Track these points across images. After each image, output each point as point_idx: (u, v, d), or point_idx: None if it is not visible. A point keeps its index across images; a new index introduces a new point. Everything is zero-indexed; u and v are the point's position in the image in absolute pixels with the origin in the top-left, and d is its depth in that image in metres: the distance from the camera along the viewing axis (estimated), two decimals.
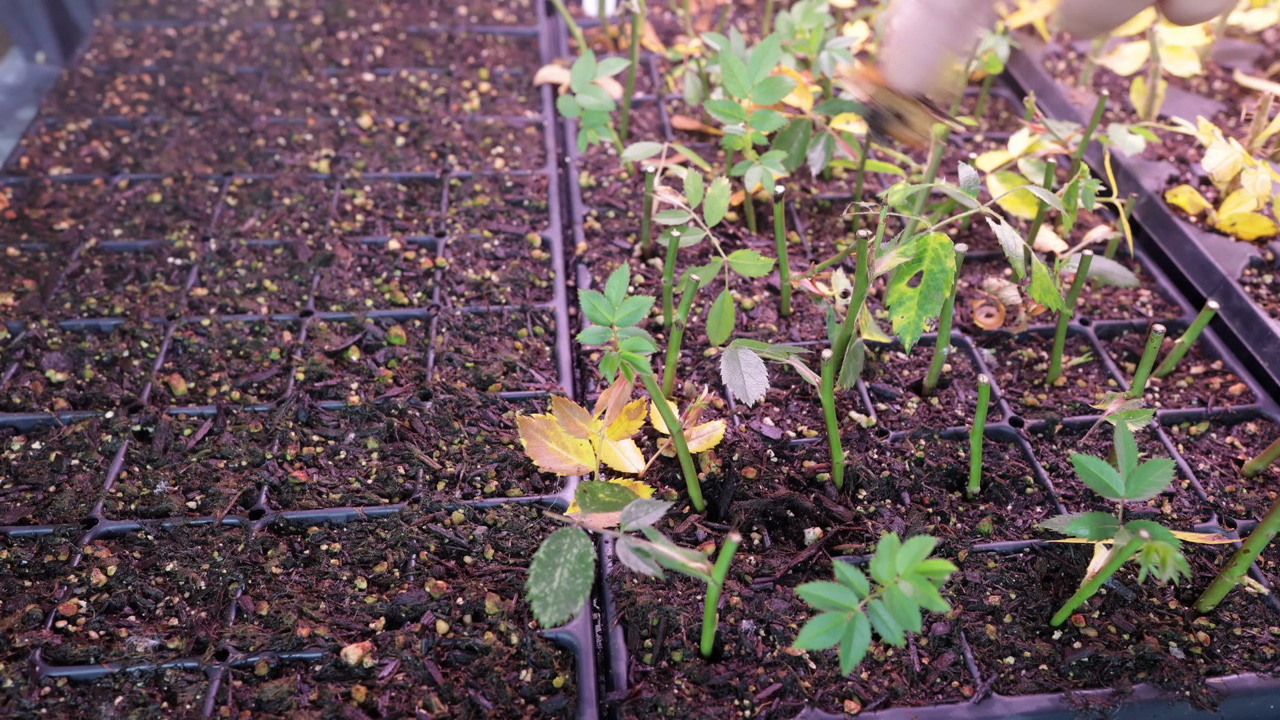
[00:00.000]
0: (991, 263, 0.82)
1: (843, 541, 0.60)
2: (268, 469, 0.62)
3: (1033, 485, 0.64)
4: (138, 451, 0.64)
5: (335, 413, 0.67)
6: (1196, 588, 0.58)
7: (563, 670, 0.53)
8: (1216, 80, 1.02)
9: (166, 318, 0.73)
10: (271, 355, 0.70)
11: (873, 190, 0.89)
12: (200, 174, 0.87)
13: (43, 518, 0.59)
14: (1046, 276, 0.63)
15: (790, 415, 0.68)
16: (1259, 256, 0.79)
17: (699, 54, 0.89)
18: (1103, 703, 0.52)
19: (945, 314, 0.66)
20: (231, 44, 1.06)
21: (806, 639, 0.43)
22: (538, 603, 0.47)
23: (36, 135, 0.92)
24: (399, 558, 0.58)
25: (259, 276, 0.77)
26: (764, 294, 0.78)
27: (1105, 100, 0.73)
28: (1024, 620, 0.56)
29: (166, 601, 0.55)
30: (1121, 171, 0.88)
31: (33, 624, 0.54)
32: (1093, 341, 0.75)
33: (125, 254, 0.79)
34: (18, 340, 0.71)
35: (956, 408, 0.69)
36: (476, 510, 0.61)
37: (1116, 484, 0.52)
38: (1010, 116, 1.00)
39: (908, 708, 0.52)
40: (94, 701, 0.51)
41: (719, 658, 0.54)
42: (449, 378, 0.69)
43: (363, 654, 0.53)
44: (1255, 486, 0.65)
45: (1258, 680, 0.54)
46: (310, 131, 0.93)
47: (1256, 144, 0.84)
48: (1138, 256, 0.83)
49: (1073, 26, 0.51)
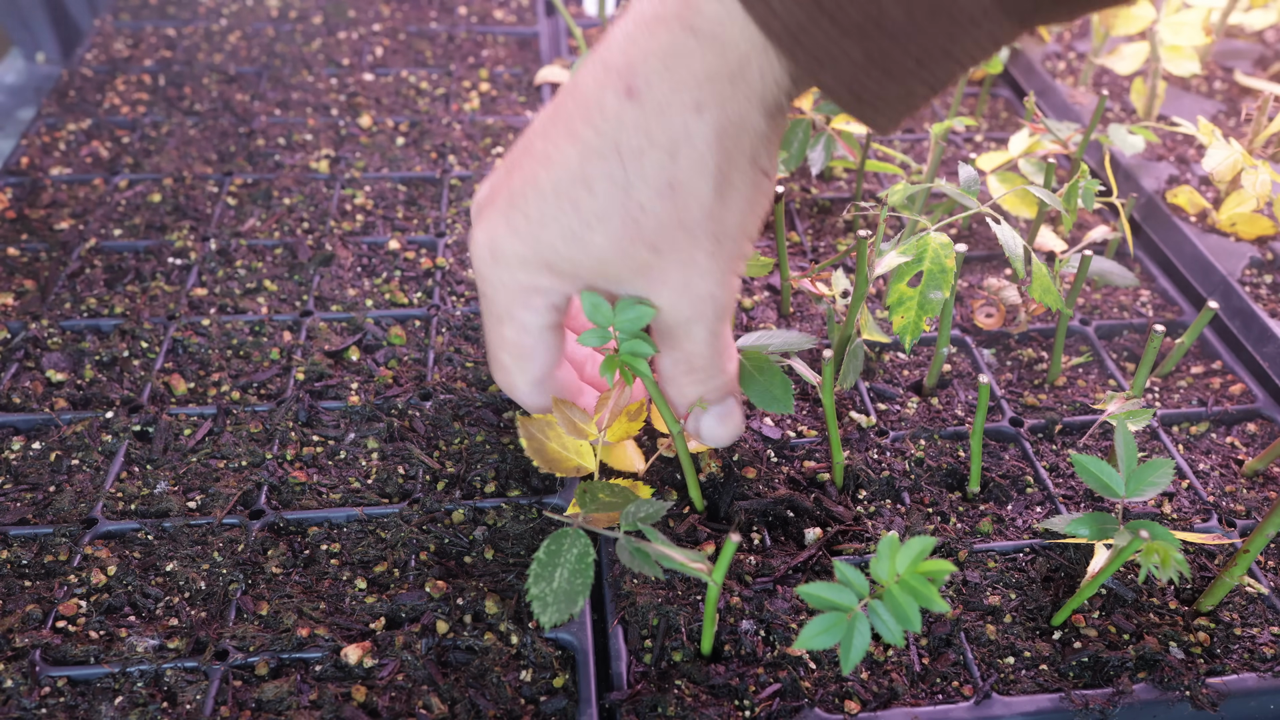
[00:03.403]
0: (991, 263, 0.82)
1: (843, 541, 0.60)
2: (268, 469, 0.62)
3: (1033, 485, 0.64)
4: (138, 451, 0.64)
5: (335, 413, 0.67)
6: (1196, 588, 0.58)
7: (562, 670, 0.53)
8: (1216, 80, 1.02)
9: (166, 318, 0.73)
10: (271, 355, 0.70)
11: (873, 190, 0.89)
12: (200, 174, 0.87)
13: (43, 518, 0.59)
14: (1046, 276, 0.63)
15: (790, 415, 0.68)
16: (1259, 256, 0.79)
17: None
18: (1103, 703, 0.52)
19: (945, 314, 0.66)
20: (231, 44, 1.06)
21: (806, 639, 0.43)
22: (538, 603, 0.47)
23: (36, 135, 0.92)
24: (399, 558, 0.58)
25: (259, 276, 0.77)
26: (764, 294, 0.78)
27: (1105, 100, 0.73)
28: (1024, 620, 0.56)
29: (166, 601, 0.55)
30: (1121, 171, 0.88)
31: (33, 624, 0.54)
32: (1093, 341, 0.75)
33: (125, 254, 0.79)
34: (18, 340, 0.70)
35: (956, 408, 0.69)
36: (476, 510, 0.61)
37: (1116, 484, 0.52)
38: (1010, 116, 1.00)
39: (908, 708, 0.52)
40: (94, 701, 0.51)
41: (719, 658, 0.54)
42: (449, 378, 0.69)
43: (363, 654, 0.53)
44: (1255, 486, 0.65)
45: (1258, 680, 0.54)
46: (310, 131, 0.93)
47: (1256, 144, 0.84)
48: (1138, 256, 0.83)
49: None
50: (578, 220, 0.47)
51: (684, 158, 0.45)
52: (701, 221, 0.47)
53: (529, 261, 0.49)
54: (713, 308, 0.50)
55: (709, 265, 0.48)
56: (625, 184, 0.46)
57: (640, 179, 0.46)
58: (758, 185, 0.48)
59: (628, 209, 0.46)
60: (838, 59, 0.41)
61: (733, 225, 0.48)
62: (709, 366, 0.52)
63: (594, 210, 0.47)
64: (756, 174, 0.48)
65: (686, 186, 0.46)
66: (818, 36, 0.41)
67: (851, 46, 0.41)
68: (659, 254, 0.47)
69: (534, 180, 0.48)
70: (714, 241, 0.48)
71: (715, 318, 0.50)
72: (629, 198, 0.46)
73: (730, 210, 0.48)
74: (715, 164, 0.46)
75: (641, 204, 0.46)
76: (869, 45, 0.41)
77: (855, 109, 0.44)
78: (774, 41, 0.42)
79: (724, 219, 0.48)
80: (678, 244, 0.47)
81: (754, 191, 0.48)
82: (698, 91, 0.44)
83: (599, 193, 0.46)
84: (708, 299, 0.49)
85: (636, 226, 0.47)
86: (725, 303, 0.50)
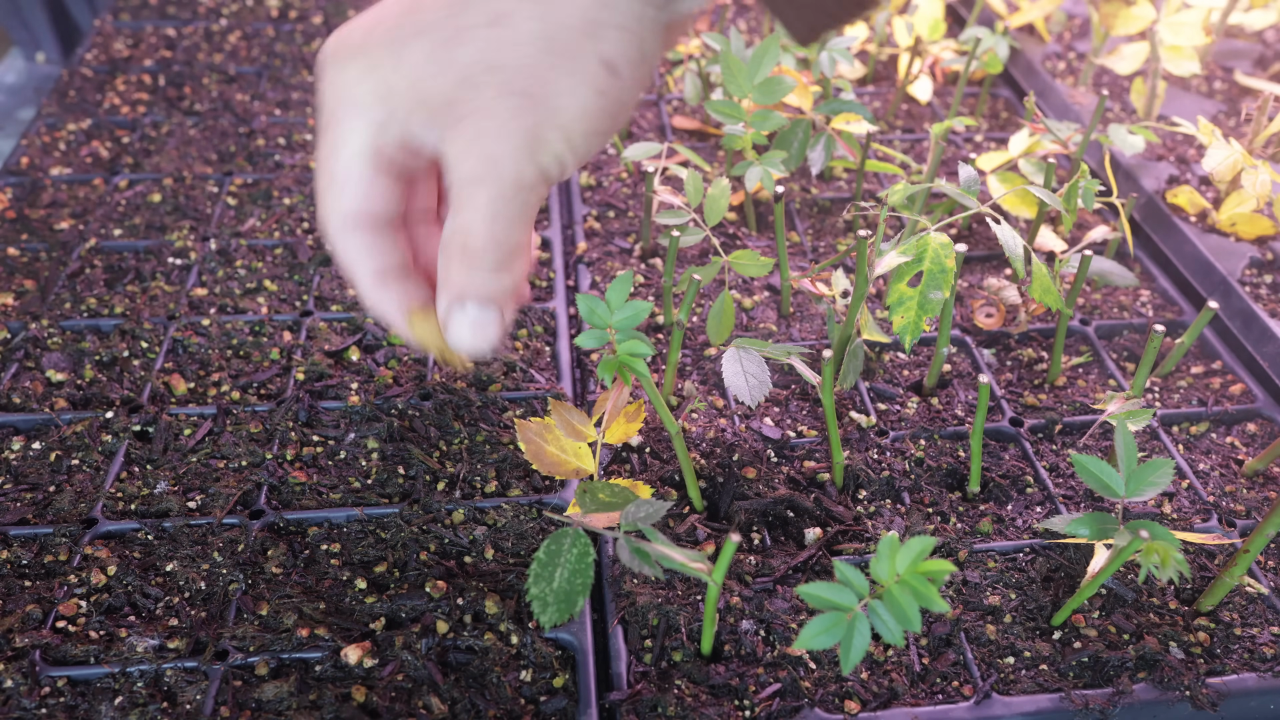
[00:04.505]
0: (991, 263, 0.82)
1: (843, 541, 0.60)
2: (268, 469, 0.62)
3: (1033, 485, 0.64)
4: (138, 451, 0.64)
5: (335, 413, 0.67)
6: (1196, 588, 0.58)
7: (562, 671, 0.53)
8: (1216, 80, 1.02)
9: (166, 318, 0.73)
10: (271, 355, 0.70)
11: (873, 190, 0.89)
12: (200, 174, 0.87)
13: (43, 518, 0.59)
14: (1046, 276, 0.63)
15: (790, 415, 0.68)
16: (1259, 256, 0.79)
17: (699, 54, 0.89)
18: (1103, 703, 0.52)
19: (945, 314, 0.66)
20: (231, 44, 1.06)
21: (806, 639, 0.43)
22: (538, 603, 0.47)
23: (36, 135, 0.92)
24: (399, 558, 0.58)
25: (259, 276, 0.77)
26: (764, 294, 0.78)
27: (1105, 100, 0.73)
28: (1024, 620, 0.56)
29: (166, 602, 0.55)
30: (1121, 171, 0.88)
31: (33, 624, 0.54)
32: (1093, 341, 0.75)
33: (125, 254, 0.79)
34: (18, 340, 0.70)
35: (956, 408, 0.69)
36: (476, 510, 0.61)
37: (1116, 484, 0.52)
38: (1010, 116, 1.00)
39: (908, 708, 0.52)
40: (94, 701, 0.51)
41: (719, 658, 0.54)
42: (449, 378, 0.69)
43: (363, 654, 0.53)
44: (1255, 486, 0.65)
45: (1258, 680, 0.54)
46: (310, 131, 0.93)
47: (1256, 144, 0.84)
48: (1138, 256, 0.83)
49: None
50: (409, 27, 0.43)
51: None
52: (516, 71, 0.42)
53: (357, 62, 0.44)
54: (502, 175, 0.43)
55: (509, 125, 0.42)
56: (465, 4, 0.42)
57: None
58: (608, 78, 0.43)
59: (451, 26, 0.42)
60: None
61: (558, 100, 0.42)
62: (484, 250, 0.45)
63: (422, 21, 0.42)
64: (604, 67, 0.42)
65: (514, 24, 0.41)
66: None
67: None
68: (463, 90, 0.42)
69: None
70: (526, 99, 0.42)
71: (505, 190, 0.44)
72: (456, 15, 0.42)
73: (561, 81, 0.42)
74: (560, 18, 0.41)
75: (461, 26, 0.42)
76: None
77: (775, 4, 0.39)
78: None
79: (547, 84, 0.42)
80: (481, 86, 0.42)
81: (600, 80, 0.42)
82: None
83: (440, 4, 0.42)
84: (496, 162, 0.43)
85: (448, 51, 0.42)
86: (521, 178, 0.44)
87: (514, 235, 0.45)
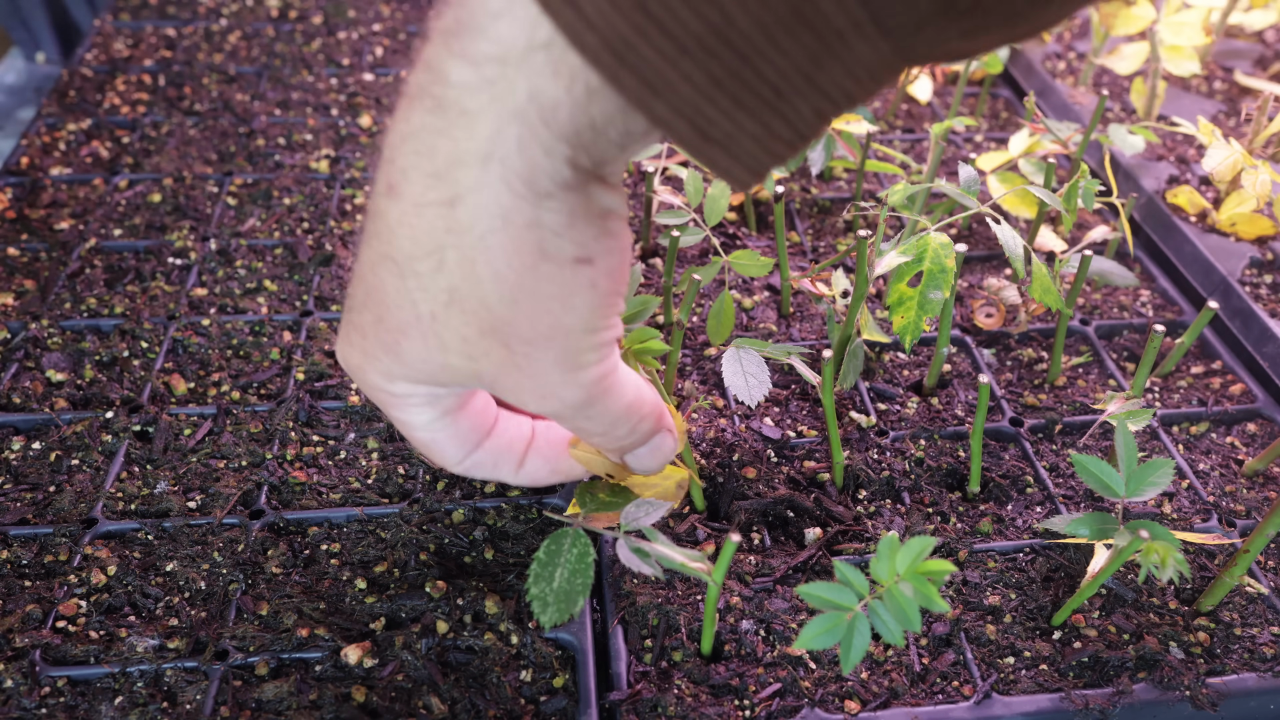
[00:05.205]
0: (991, 263, 0.82)
1: (843, 541, 0.60)
2: (268, 469, 0.62)
3: (1033, 485, 0.64)
4: (138, 451, 0.64)
5: (335, 413, 0.67)
6: (1196, 588, 0.58)
7: (562, 671, 0.53)
8: (1216, 80, 1.02)
9: (166, 318, 0.73)
10: (271, 355, 0.70)
11: (873, 190, 0.89)
12: (200, 174, 0.87)
13: (43, 518, 0.59)
14: (1046, 276, 0.63)
15: (790, 415, 0.68)
16: (1259, 256, 0.79)
17: None
18: (1103, 703, 0.52)
19: (945, 314, 0.66)
20: (231, 44, 1.06)
21: (806, 639, 0.43)
22: (537, 603, 0.47)
23: (36, 135, 0.92)
24: (399, 558, 0.58)
25: (259, 276, 0.77)
26: (764, 294, 0.78)
27: (1105, 100, 0.73)
28: (1024, 620, 0.56)
29: (166, 601, 0.55)
30: (1121, 171, 0.88)
31: (33, 624, 0.54)
32: (1093, 341, 0.75)
33: (125, 254, 0.79)
34: (18, 340, 0.70)
35: (956, 408, 0.69)
36: (476, 510, 0.61)
37: (1116, 484, 0.52)
38: (1010, 116, 1.00)
39: (908, 708, 0.52)
40: (94, 701, 0.51)
41: (719, 658, 0.54)
42: None
43: (363, 654, 0.53)
44: (1255, 486, 0.65)
45: (1258, 680, 0.54)
46: (310, 131, 0.93)
47: (1256, 144, 0.84)
48: (1138, 256, 0.83)
49: None
50: (387, 332, 0.42)
51: (451, 261, 0.39)
52: (504, 329, 0.40)
53: (373, 370, 0.44)
54: (576, 402, 0.43)
55: (541, 370, 0.42)
56: (409, 296, 0.40)
57: (420, 289, 0.40)
58: (572, 277, 0.39)
59: (425, 321, 0.41)
60: (674, 84, 0.33)
61: (567, 319, 0.41)
62: (617, 430, 0.47)
63: (396, 322, 0.41)
64: (558, 267, 0.39)
65: (466, 295, 0.39)
66: (647, 54, 0.32)
67: (691, 67, 0.33)
68: (476, 362, 0.42)
69: (350, 291, 0.44)
70: (532, 347, 0.41)
71: (589, 404, 0.44)
72: (418, 309, 0.40)
73: (538, 313, 0.40)
74: (490, 267, 0.38)
75: (432, 314, 0.40)
76: (713, 65, 0.33)
77: (702, 151, 0.35)
78: (594, 64, 0.33)
79: (536, 323, 0.40)
80: (491, 352, 0.41)
81: (567, 286, 0.40)
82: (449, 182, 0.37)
83: (392, 304, 0.41)
84: (559, 399, 0.43)
85: (439, 339, 0.41)
86: (588, 393, 0.43)
87: (630, 400, 0.46)
